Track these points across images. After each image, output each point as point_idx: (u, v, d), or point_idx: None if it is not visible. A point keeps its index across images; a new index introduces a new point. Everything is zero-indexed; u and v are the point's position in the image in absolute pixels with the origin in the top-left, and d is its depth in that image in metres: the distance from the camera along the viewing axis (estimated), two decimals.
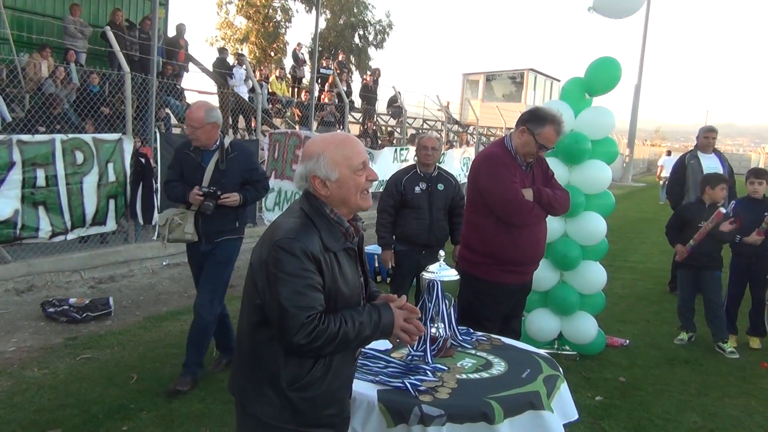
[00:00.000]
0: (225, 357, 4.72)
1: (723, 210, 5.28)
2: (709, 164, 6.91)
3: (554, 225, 4.65)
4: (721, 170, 6.87)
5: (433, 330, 2.81)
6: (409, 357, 2.76)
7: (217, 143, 4.34)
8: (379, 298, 2.20)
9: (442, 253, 2.95)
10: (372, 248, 7.97)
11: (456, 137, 20.59)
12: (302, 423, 2.01)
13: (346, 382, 2.16)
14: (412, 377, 2.50)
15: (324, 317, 1.90)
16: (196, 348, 4.39)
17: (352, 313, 1.97)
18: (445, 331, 2.83)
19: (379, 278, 7.42)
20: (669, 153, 27.22)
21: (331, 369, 2.04)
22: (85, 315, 5.73)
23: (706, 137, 7.18)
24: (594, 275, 5.04)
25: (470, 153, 17.02)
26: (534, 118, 3.61)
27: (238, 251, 4.58)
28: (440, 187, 5.06)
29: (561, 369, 2.78)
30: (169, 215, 4.39)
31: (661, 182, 21.89)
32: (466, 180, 15.98)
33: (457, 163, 15.76)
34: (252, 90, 10.91)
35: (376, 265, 7.29)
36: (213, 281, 4.46)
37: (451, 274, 2.86)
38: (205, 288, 4.45)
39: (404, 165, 12.29)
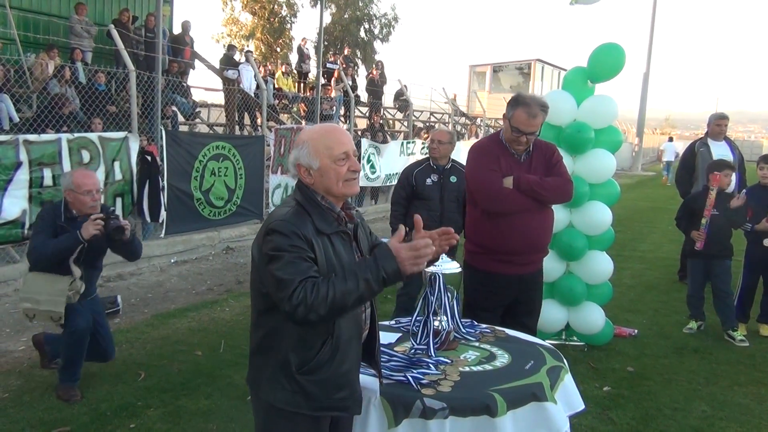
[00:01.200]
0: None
1: (717, 173, 5.27)
2: (720, 152, 6.84)
3: (559, 215, 4.59)
4: (731, 158, 6.80)
5: (436, 323, 2.80)
6: (412, 350, 2.75)
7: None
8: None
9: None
10: (385, 240, 7.98)
11: (464, 129, 20.51)
12: (315, 407, 2.07)
13: (355, 364, 2.19)
14: (414, 371, 2.50)
15: (316, 279, 1.92)
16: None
17: (345, 269, 1.96)
18: (448, 324, 2.82)
19: None
20: (671, 139, 27.81)
21: (339, 351, 2.08)
22: None
23: (718, 124, 7.10)
24: (600, 265, 5.01)
25: None
26: (509, 104, 3.61)
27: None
28: (453, 179, 5.11)
29: (566, 360, 2.76)
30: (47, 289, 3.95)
31: (662, 165, 24.84)
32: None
33: (465, 154, 15.74)
34: (257, 86, 10.91)
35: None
36: (109, 332, 4.45)
37: (453, 267, 2.85)
38: (108, 337, 4.38)
39: (411, 158, 12.31)
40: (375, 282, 1.89)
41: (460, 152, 15.20)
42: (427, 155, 5.35)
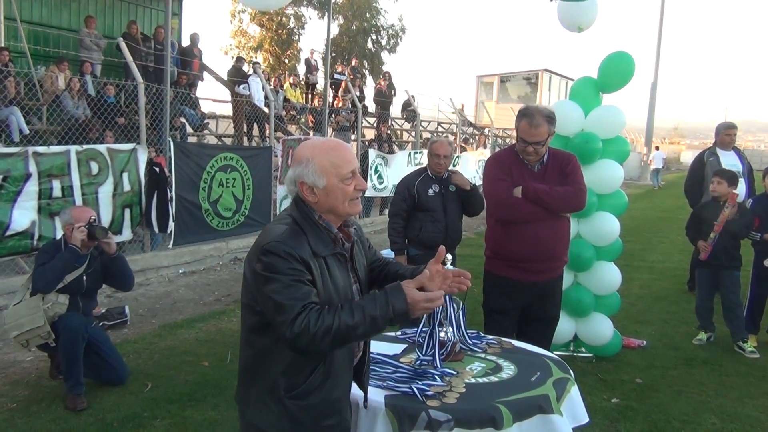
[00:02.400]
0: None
1: (735, 191, 5.24)
2: (728, 161, 6.80)
3: None
4: (740, 167, 6.77)
5: (442, 334, 2.79)
6: (418, 362, 2.74)
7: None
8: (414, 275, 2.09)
9: (449, 256, 2.92)
10: (386, 252, 7.96)
11: (472, 140, 20.53)
12: None
13: (346, 391, 2.15)
14: (419, 382, 2.49)
15: (319, 307, 1.87)
16: None
17: (352, 302, 1.93)
18: (454, 335, 2.81)
19: None
20: (657, 148, 29.26)
21: (330, 377, 2.03)
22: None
23: (727, 134, 7.06)
24: (608, 276, 4.98)
25: (486, 155, 16.97)
26: (517, 116, 3.74)
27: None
28: (451, 188, 5.07)
29: (573, 371, 2.74)
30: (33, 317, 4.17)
31: (650, 173, 28.09)
32: (480, 183, 15.97)
33: (473, 165, 15.73)
34: (266, 97, 10.99)
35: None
36: (119, 355, 4.66)
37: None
38: (120, 360, 4.58)
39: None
40: (382, 320, 1.87)
41: (468, 162, 15.28)
42: (423, 165, 5.30)
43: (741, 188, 6.34)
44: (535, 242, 3.68)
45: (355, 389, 2.26)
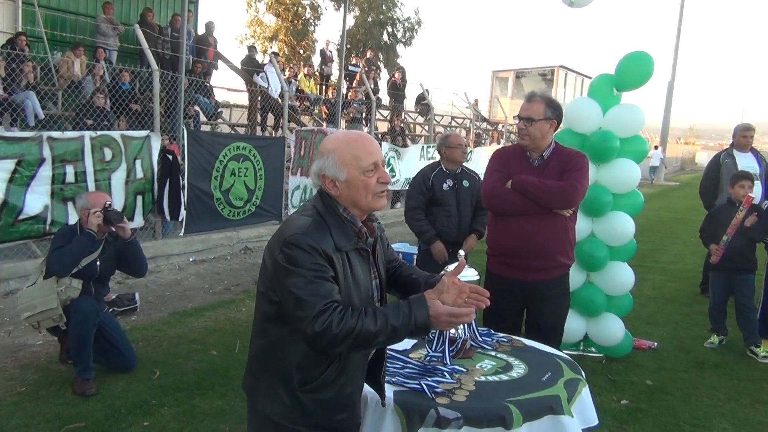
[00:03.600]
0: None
1: (751, 194, 5.16)
2: (745, 163, 6.72)
3: (582, 225, 4.52)
4: (757, 170, 6.69)
5: (452, 331, 2.76)
6: (428, 358, 2.72)
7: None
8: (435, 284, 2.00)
9: (462, 252, 2.89)
10: (399, 246, 7.93)
11: (486, 135, 20.44)
12: (312, 425, 1.99)
13: (359, 386, 2.13)
14: (429, 378, 2.46)
15: (342, 308, 1.84)
16: None
17: (376, 309, 1.89)
18: (465, 332, 2.79)
19: None
20: (656, 147, 28.73)
21: (345, 373, 2.01)
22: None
23: (744, 136, 6.97)
24: (622, 276, 4.92)
25: None
26: None
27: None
28: (465, 183, 5.05)
29: (583, 372, 2.70)
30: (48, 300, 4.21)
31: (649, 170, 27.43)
32: None
33: (486, 161, 15.65)
34: (281, 87, 10.99)
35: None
36: (129, 343, 4.68)
37: (470, 274, 2.81)
38: (129, 348, 4.61)
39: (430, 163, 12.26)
40: (403, 331, 1.83)
41: (481, 158, 15.21)
42: (437, 160, 5.28)
43: (757, 190, 6.26)
44: (523, 237, 3.57)
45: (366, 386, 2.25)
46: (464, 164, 5.26)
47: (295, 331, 1.91)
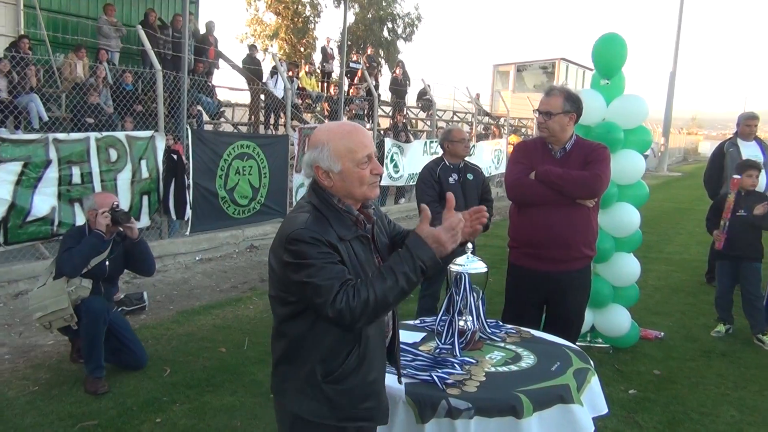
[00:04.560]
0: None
1: (737, 176, 5.20)
2: (750, 152, 6.71)
3: None
4: (761, 158, 6.68)
5: (461, 323, 2.79)
6: (437, 350, 2.75)
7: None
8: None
9: (469, 245, 2.92)
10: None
11: (488, 130, 20.42)
12: (341, 418, 2.02)
13: (381, 373, 2.16)
14: (439, 370, 2.49)
15: (354, 284, 1.88)
16: None
17: (379, 268, 1.93)
18: (474, 324, 2.81)
19: None
20: None
21: (366, 360, 2.03)
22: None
23: (748, 125, 6.97)
24: (628, 267, 4.95)
25: (502, 145, 16.87)
26: None
27: None
28: (470, 176, 5.09)
29: (592, 362, 2.73)
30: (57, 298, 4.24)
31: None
32: (496, 172, 15.89)
33: (488, 155, 15.65)
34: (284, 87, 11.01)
35: None
36: (139, 341, 4.72)
37: (479, 267, 2.83)
38: (139, 346, 4.64)
39: (434, 158, 12.26)
40: (413, 273, 1.85)
41: (484, 152, 15.22)
42: (440, 155, 5.30)
43: (762, 179, 6.26)
44: (547, 227, 3.60)
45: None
46: (467, 158, 5.29)
47: (313, 327, 1.95)
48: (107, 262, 4.38)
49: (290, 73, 14.14)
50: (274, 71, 13.02)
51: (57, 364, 4.65)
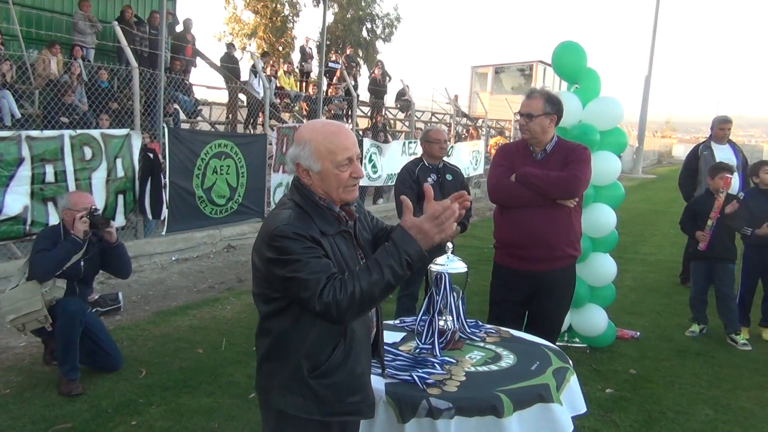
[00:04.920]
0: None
1: (728, 175, 5.28)
2: (723, 155, 6.83)
3: None
4: (734, 161, 6.80)
5: (441, 323, 2.79)
6: (417, 350, 2.74)
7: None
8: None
9: (449, 245, 2.92)
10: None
11: (465, 131, 20.51)
12: (328, 412, 2.02)
13: (367, 366, 2.16)
14: (420, 370, 2.49)
15: (341, 277, 1.88)
16: None
17: (365, 261, 1.92)
18: (454, 324, 2.81)
19: None
20: None
21: (352, 353, 2.04)
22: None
23: (722, 128, 7.10)
24: (604, 267, 5.00)
25: (480, 146, 16.94)
26: None
27: None
28: (449, 177, 5.09)
29: (571, 361, 2.75)
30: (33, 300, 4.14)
31: None
32: (474, 173, 15.95)
33: (467, 156, 15.71)
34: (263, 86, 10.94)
35: None
36: (114, 343, 4.64)
37: (459, 267, 2.83)
38: (115, 349, 4.57)
39: (412, 158, 12.26)
40: (399, 267, 1.83)
41: (462, 153, 15.27)
42: (419, 156, 5.31)
43: (735, 182, 6.37)
44: (528, 228, 3.64)
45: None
46: (446, 159, 5.30)
47: (297, 322, 1.95)
48: (82, 263, 4.31)
49: (266, 70, 14.03)
50: (254, 70, 12.93)
51: (29, 366, 4.56)
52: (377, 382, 2.36)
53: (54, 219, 6.62)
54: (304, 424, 2.02)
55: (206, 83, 14.17)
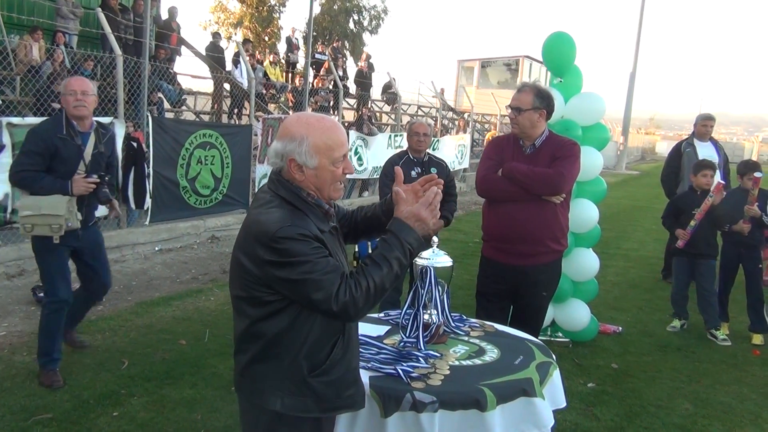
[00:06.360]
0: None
1: (722, 181, 5.29)
2: (705, 152, 6.89)
3: None
4: (716, 158, 6.86)
5: (426, 316, 2.79)
6: (402, 343, 2.74)
7: (93, 123, 4.10)
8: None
9: (435, 239, 2.92)
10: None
11: (451, 124, 20.52)
12: (325, 409, 2.01)
13: (358, 358, 2.19)
14: (404, 364, 2.48)
15: (352, 275, 1.90)
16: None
17: (371, 255, 1.95)
18: (438, 318, 2.81)
19: None
20: None
21: (350, 347, 2.05)
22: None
23: (704, 125, 7.16)
24: (587, 262, 5.04)
25: (466, 140, 16.97)
26: None
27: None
28: (433, 170, 5.08)
29: (554, 356, 2.76)
30: (49, 205, 3.87)
31: None
32: (459, 167, 15.99)
33: (452, 150, 15.73)
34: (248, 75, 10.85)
35: (370, 251, 7.25)
36: (106, 262, 4.49)
37: (445, 261, 2.83)
38: (105, 268, 4.44)
39: (398, 151, 12.25)
40: (404, 257, 1.92)
41: (446, 147, 15.29)
42: (404, 148, 5.31)
43: (717, 179, 6.43)
44: (513, 222, 3.65)
45: None
46: (432, 152, 5.30)
47: (294, 323, 1.92)
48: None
49: (249, 57, 13.90)
50: (237, 58, 12.81)
51: (8, 357, 4.51)
52: (361, 376, 2.35)
53: None
54: (300, 422, 1.99)
55: (191, 72, 14.01)
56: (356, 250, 6.67)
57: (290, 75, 16.85)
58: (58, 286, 4.05)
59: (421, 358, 2.56)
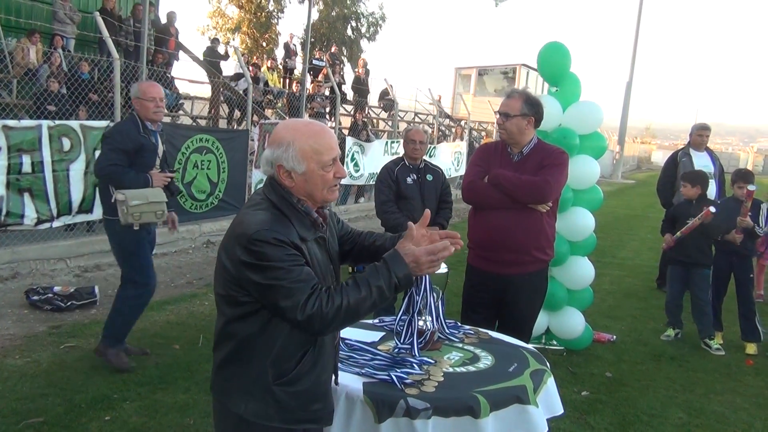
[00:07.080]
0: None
1: (712, 209, 5.27)
2: (701, 162, 6.93)
3: None
4: (711, 168, 6.90)
5: (420, 323, 2.78)
6: (396, 350, 2.73)
7: (159, 124, 4.48)
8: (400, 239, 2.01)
9: None
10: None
11: (448, 131, 20.55)
12: (288, 420, 1.97)
13: (330, 373, 2.14)
14: (398, 370, 2.48)
15: (326, 288, 1.86)
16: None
17: (355, 277, 1.90)
18: (433, 324, 2.81)
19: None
20: None
21: (320, 361, 2.00)
22: (69, 303, 5.68)
23: (700, 135, 7.19)
24: (582, 271, 5.04)
25: (462, 147, 16.99)
26: None
27: None
28: (429, 177, 5.09)
29: (548, 363, 2.76)
30: (147, 198, 4.26)
31: None
32: (456, 174, 16.01)
33: (448, 156, 15.75)
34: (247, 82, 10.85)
35: None
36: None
37: (440, 268, 2.83)
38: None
39: (394, 158, 12.26)
40: (388, 289, 1.87)
41: (443, 154, 15.31)
42: (400, 155, 5.30)
43: (712, 189, 6.45)
44: (498, 231, 3.61)
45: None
46: (428, 159, 5.30)
47: (265, 328, 1.90)
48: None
49: (251, 70, 13.95)
50: (239, 73, 12.83)
51: (0, 360, 4.48)
52: (355, 381, 2.35)
53: (30, 210, 6.54)
54: (264, 430, 1.96)
55: (188, 77, 14.02)
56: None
57: (287, 81, 16.87)
58: (150, 275, 4.45)
59: (415, 365, 2.55)
